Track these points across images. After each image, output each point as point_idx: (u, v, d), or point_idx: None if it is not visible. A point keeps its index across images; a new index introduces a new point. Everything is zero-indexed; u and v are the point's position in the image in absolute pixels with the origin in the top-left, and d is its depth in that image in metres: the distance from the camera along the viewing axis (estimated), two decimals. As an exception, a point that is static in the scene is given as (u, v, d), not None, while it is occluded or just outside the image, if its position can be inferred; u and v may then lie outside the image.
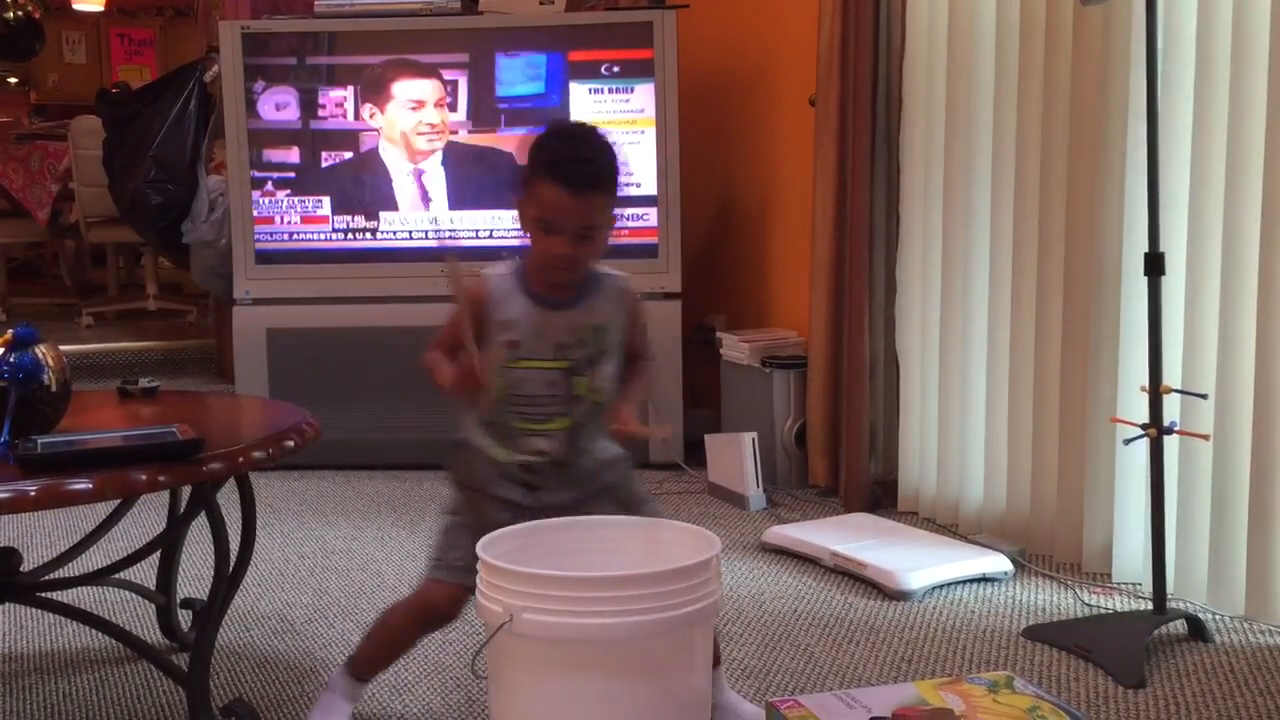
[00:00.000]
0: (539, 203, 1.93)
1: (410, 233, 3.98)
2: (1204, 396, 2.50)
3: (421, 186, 3.98)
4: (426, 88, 3.95)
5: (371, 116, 3.95)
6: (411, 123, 3.94)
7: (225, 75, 4.02)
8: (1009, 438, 3.09)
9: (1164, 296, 2.44)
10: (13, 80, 10.50)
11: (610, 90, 3.92)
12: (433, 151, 3.95)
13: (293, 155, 4.02)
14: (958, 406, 3.24)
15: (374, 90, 3.95)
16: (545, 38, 3.97)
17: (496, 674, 1.81)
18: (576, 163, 1.93)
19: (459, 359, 1.90)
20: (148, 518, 2.98)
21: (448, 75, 3.95)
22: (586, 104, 3.91)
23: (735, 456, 3.56)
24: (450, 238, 3.93)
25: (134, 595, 2.55)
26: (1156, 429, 2.41)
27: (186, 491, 2.13)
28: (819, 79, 3.48)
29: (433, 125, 3.94)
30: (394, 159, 3.97)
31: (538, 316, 1.99)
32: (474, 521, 1.97)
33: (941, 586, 2.79)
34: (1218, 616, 2.57)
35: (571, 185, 1.91)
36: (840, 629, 2.58)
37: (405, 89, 3.94)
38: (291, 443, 2.03)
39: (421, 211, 3.97)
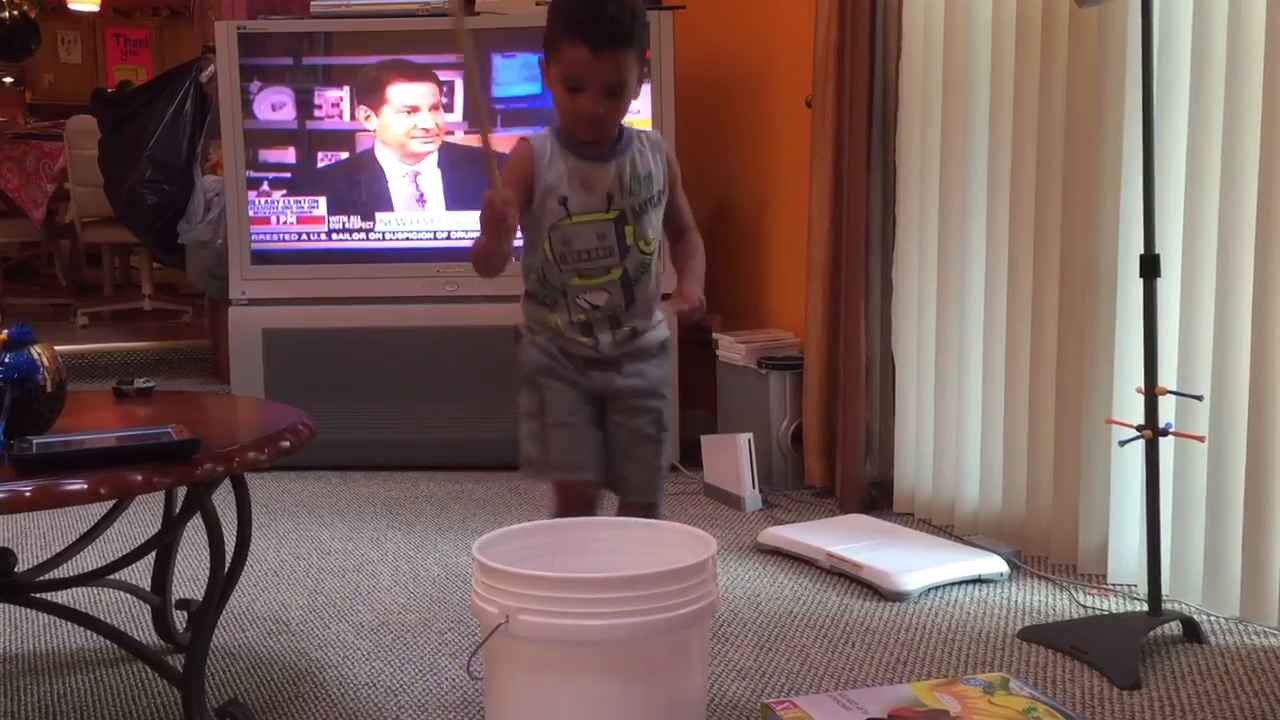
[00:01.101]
0: (564, 62, 1.94)
1: (407, 234, 3.97)
2: (1199, 398, 2.51)
3: (417, 188, 3.98)
4: (421, 91, 3.94)
5: (367, 119, 3.94)
6: (406, 126, 3.94)
7: (221, 75, 4.02)
8: (1005, 439, 3.09)
9: (1159, 298, 2.44)
10: (8, 80, 10.50)
11: (607, 91, 3.91)
12: (427, 154, 3.95)
13: (289, 155, 4.01)
14: (954, 407, 3.24)
15: (369, 93, 3.94)
16: (542, 38, 3.95)
17: (493, 675, 1.81)
18: (599, 22, 1.93)
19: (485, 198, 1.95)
20: (143, 518, 2.98)
21: (444, 76, 3.94)
22: (583, 104, 3.90)
23: (731, 457, 3.56)
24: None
25: (129, 596, 2.55)
26: (1152, 430, 2.41)
27: (182, 492, 2.13)
28: (815, 80, 3.48)
29: (427, 130, 3.93)
30: (389, 160, 3.96)
31: (583, 169, 2.03)
32: (541, 424, 2.09)
33: (937, 588, 2.79)
34: (1213, 618, 2.57)
35: (595, 44, 1.92)
36: (836, 630, 2.58)
37: (400, 93, 3.93)
38: (287, 443, 2.03)
39: (418, 212, 3.97)
